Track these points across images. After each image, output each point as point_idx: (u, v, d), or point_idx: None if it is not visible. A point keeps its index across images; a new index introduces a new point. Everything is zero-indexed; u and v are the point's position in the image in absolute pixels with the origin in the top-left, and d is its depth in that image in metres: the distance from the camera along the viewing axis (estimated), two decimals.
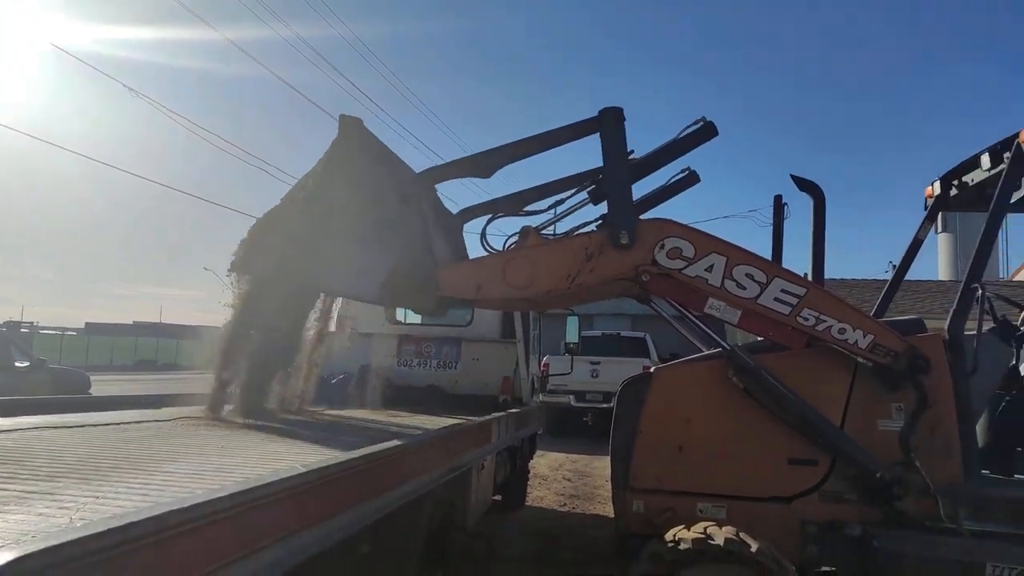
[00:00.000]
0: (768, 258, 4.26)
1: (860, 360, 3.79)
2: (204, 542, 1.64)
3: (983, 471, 3.75)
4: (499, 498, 7.74)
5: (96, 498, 1.94)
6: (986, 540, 3.50)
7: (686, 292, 3.92)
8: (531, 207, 4.57)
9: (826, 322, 3.78)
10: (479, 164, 4.40)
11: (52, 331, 46.39)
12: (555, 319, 13.45)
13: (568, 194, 4.50)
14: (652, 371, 4.24)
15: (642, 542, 3.69)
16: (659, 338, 17.97)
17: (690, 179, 4.77)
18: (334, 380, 6.41)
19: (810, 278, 4.44)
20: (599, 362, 15.61)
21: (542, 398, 10.41)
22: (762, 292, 3.84)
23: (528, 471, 8.98)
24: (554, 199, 4.51)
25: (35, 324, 35.68)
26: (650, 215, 4.31)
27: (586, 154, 4.52)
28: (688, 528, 3.45)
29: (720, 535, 3.32)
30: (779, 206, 4.96)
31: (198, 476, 2.38)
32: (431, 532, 3.89)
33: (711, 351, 4.33)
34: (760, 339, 4.11)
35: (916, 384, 3.67)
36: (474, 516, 5.41)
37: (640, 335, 17.43)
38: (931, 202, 4.79)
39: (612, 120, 4.06)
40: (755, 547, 3.27)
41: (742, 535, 3.34)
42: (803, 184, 4.59)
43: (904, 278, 5.08)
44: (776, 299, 3.83)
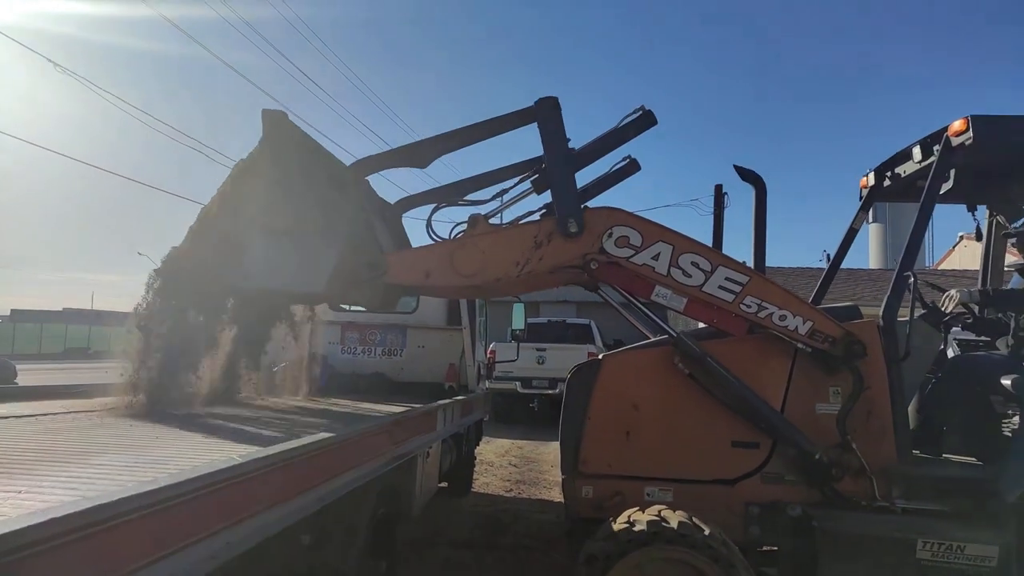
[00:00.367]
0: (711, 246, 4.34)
1: (800, 346, 3.90)
2: (135, 537, 1.59)
3: (913, 451, 3.91)
4: (445, 485, 7.74)
5: (19, 493, 1.86)
6: (916, 517, 3.67)
7: (633, 280, 3.96)
8: (473, 196, 4.57)
9: (768, 309, 3.88)
10: (415, 154, 4.36)
11: None
12: (501, 306, 13.54)
13: (512, 183, 4.50)
14: (600, 358, 4.28)
15: (591, 526, 3.75)
16: (604, 325, 18.22)
17: (631, 167, 4.82)
18: (275, 368, 6.30)
19: (752, 266, 4.55)
20: (545, 349, 15.72)
21: (488, 385, 10.44)
22: (707, 280, 3.91)
23: (474, 457, 8.98)
24: (499, 188, 4.50)
25: None
26: (593, 203, 4.33)
27: (528, 143, 4.52)
28: (642, 511, 3.50)
29: (674, 519, 3.38)
30: (719, 195, 5.07)
31: (130, 469, 2.30)
32: (376, 521, 3.86)
33: (657, 338, 4.41)
34: (703, 326, 4.20)
35: (852, 369, 3.79)
36: (420, 503, 5.40)
37: (585, 322, 17.61)
38: (865, 192, 4.94)
39: (549, 109, 4.07)
40: (707, 531, 3.35)
41: (695, 519, 3.41)
42: (745, 174, 4.69)
43: (840, 266, 5.25)
44: (720, 287, 3.91)
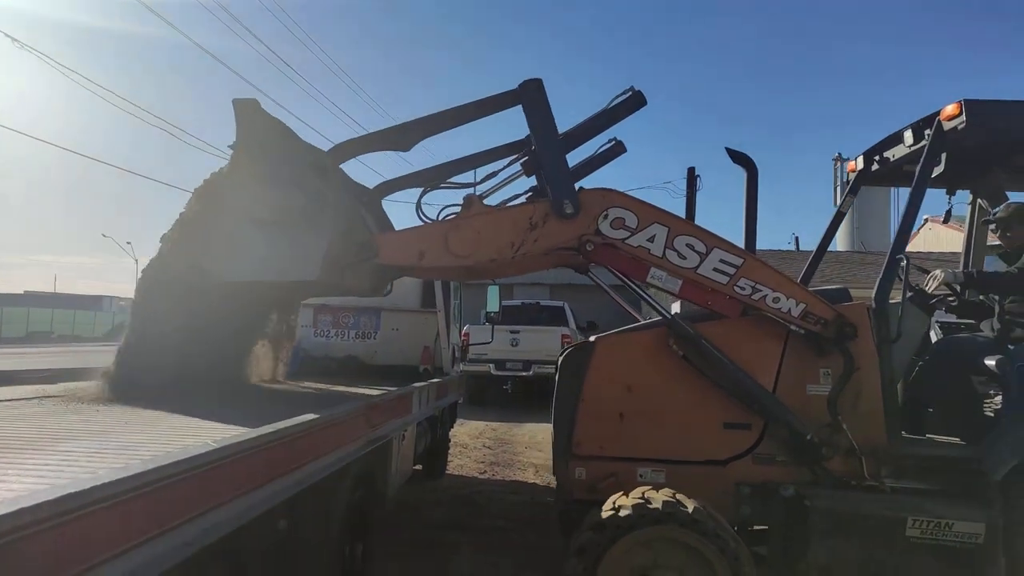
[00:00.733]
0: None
1: (792, 327, 3.93)
2: (108, 525, 1.54)
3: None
4: (420, 467, 7.73)
5: None
6: (906, 496, 3.74)
7: (629, 262, 3.96)
8: (460, 179, 4.54)
9: (761, 291, 3.90)
10: (398, 137, 4.31)
11: None
12: (474, 289, 13.47)
13: (503, 165, 4.48)
14: (593, 340, 4.27)
15: (585, 508, 3.76)
16: (577, 307, 18.28)
17: (617, 148, 4.80)
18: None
19: (743, 248, 4.56)
20: (519, 331, 15.73)
21: (462, 368, 10.44)
22: (702, 262, 3.92)
23: (449, 440, 8.99)
24: (489, 170, 4.48)
25: None
26: (577, 186, 4.30)
27: (508, 126, 4.49)
28: (626, 495, 3.52)
29: (657, 499, 3.40)
30: (692, 178, 5.08)
31: (100, 455, 2.23)
32: (352, 504, 3.84)
33: (650, 320, 4.41)
34: (696, 307, 4.21)
35: (844, 350, 3.84)
36: (395, 486, 5.38)
37: (559, 304, 17.66)
38: (853, 176, 4.99)
39: (533, 91, 4.04)
40: (691, 507, 3.37)
41: (678, 496, 3.43)
42: (737, 157, 4.69)
43: (827, 249, 5.30)
44: (715, 269, 3.92)
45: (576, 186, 4.04)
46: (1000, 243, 4.40)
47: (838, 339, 3.85)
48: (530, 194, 4.45)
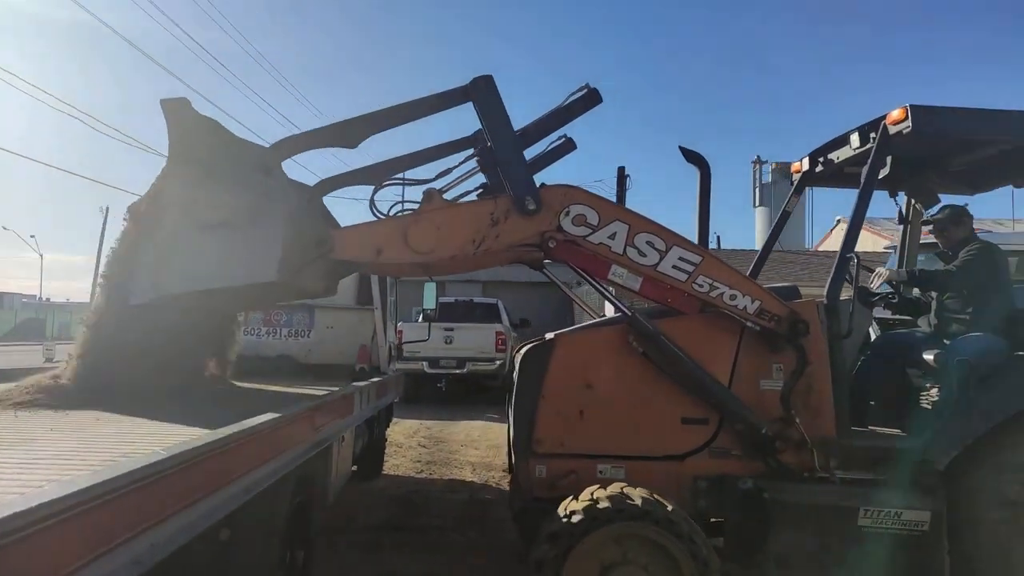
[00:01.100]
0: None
1: (748, 324, 4.01)
2: (39, 550, 1.37)
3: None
4: (355, 468, 7.59)
5: None
6: (858, 487, 3.87)
7: (590, 259, 3.95)
8: (411, 174, 4.43)
9: (719, 289, 3.96)
10: (343, 134, 4.18)
11: None
12: (406, 285, 13.27)
13: (459, 161, 4.44)
14: (553, 338, 4.25)
15: (545, 506, 3.74)
16: (510, 304, 18.30)
17: (567, 145, 4.84)
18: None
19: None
20: (453, 328, 15.62)
21: (397, 366, 10.30)
22: (661, 260, 3.95)
23: (385, 440, 8.82)
24: (440, 166, 4.42)
25: None
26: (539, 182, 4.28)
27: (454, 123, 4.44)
28: (604, 488, 3.53)
29: (636, 496, 3.43)
30: (622, 177, 5.16)
31: (30, 467, 2.06)
32: (293, 509, 3.72)
33: (608, 317, 4.43)
34: (651, 305, 4.24)
35: (796, 346, 3.94)
36: (335, 490, 5.24)
37: (492, 301, 17.63)
38: (797, 178, 5.14)
39: (484, 88, 4.00)
40: (670, 508, 3.41)
41: (656, 496, 3.46)
42: (690, 156, 4.76)
43: (772, 248, 5.45)
44: (674, 267, 3.95)
45: (537, 182, 4.02)
46: (937, 242, 4.62)
47: (791, 335, 3.94)
48: (480, 191, 4.40)
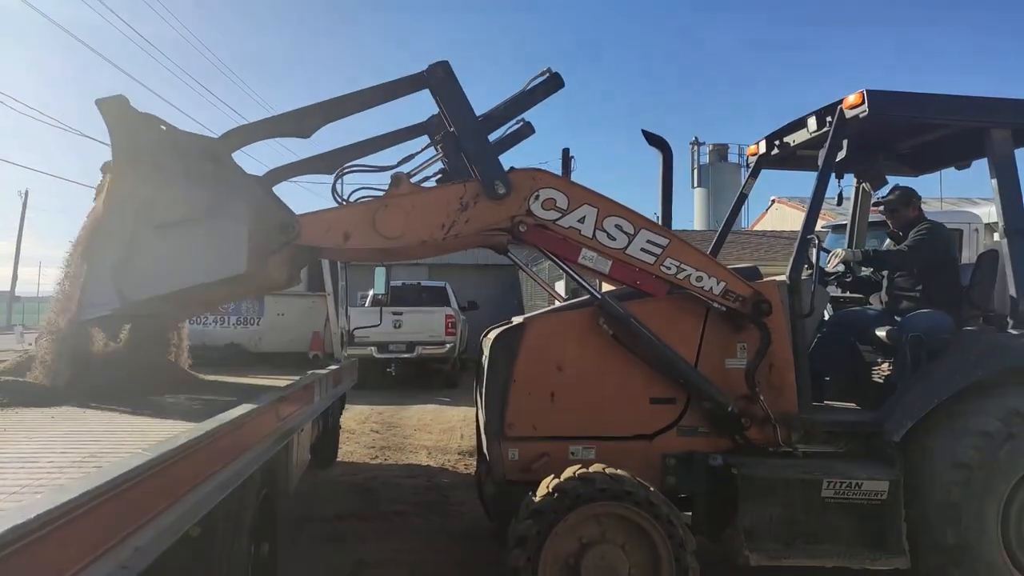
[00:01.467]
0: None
1: (714, 305, 4.09)
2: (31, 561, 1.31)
3: None
4: (310, 457, 7.51)
5: None
6: (821, 460, 4.03)
7: (561, 243, 3.97)
8: (369, 160, 4.38)
9: (686, 271, 4.02)
10: (297, 123, 4.08)
11: None
12: (353, 269, 13.06)
13: (421, 147, 4.41)
14: (523, 321, 4.26)
15: (518, 489, 3.77)
16: (457, 287, 18.23)
17: (526, 130, 4.85)
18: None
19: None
20: (401, 312, 15.47)
21: (347, 352, 10.19)
22: (630, 243, 3.99)
23: (339, 427, 8.75)
24: (401, 153, 4.38)
25: None
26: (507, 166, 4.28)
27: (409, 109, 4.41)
28: (587, 466, 3.59)
29: (619, 476, 3.50)
30: (567, 159, 5.20)
31: None
32: (259, 502, 3.66)
33: (577, 299, 4.46)
34: (619, 287, 4.29)
35: (760, 325, 4.05)
36: (295, 479, 5.17)
37: (440, 284, 17.53)
38: (753, 160, 5.25)
39: (442, 74, 3.97)
40: (651, 489, 3.50)
41: (638, 479, 3.54)
42: (652, 139, 4.81)
43: (731, 229, 5.58)
44: (643, 249, 4.00)
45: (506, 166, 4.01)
46: (887, 222, 4.79)
47: (755, 315, 4.04)
48: (439, 176, 4.37)
